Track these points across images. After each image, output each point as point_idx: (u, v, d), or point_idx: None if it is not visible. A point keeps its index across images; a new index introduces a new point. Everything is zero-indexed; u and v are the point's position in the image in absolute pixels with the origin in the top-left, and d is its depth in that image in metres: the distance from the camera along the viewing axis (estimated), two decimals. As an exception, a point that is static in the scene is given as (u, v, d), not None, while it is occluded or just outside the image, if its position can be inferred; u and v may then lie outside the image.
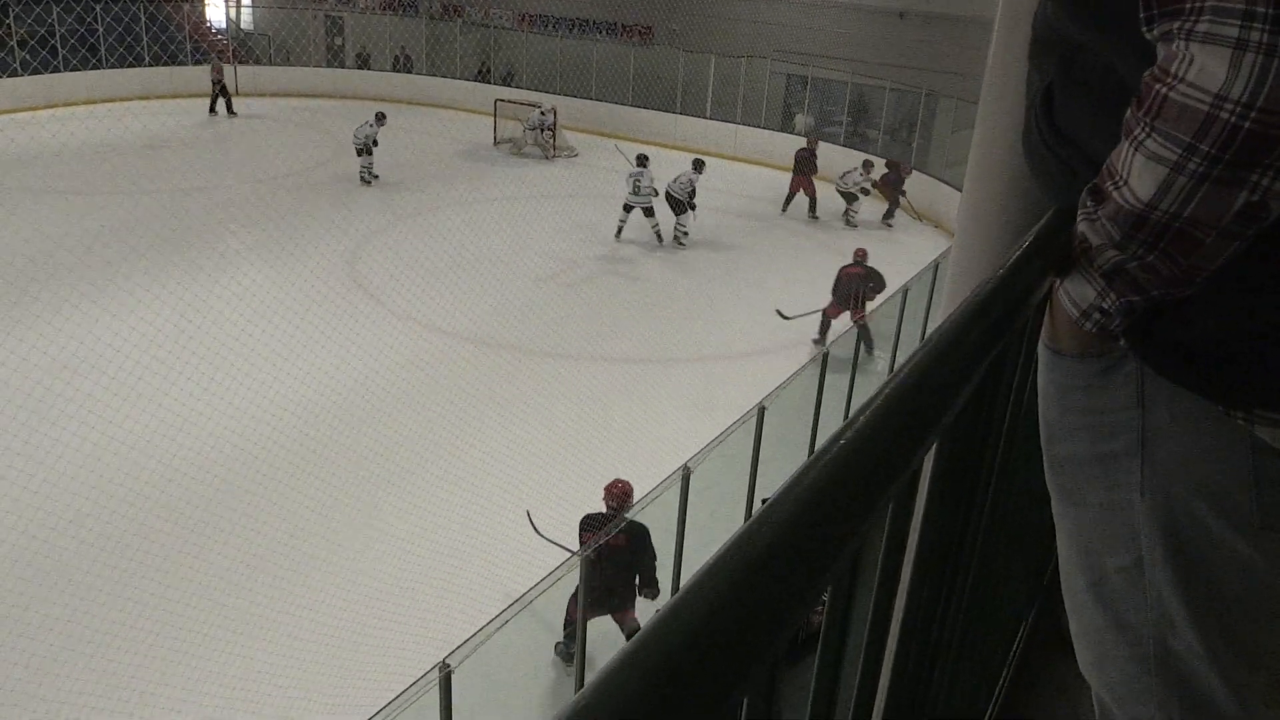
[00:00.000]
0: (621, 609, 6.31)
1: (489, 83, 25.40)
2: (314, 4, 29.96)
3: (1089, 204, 1.06)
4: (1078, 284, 1.11)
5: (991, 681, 1.93)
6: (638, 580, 6.27)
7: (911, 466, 0.83)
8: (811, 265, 15.41)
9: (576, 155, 21.52)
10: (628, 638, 5.75)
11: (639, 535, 6.21)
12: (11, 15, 23.11)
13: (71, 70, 23.28)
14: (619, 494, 6.51)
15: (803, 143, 19.15)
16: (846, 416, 6.80)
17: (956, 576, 1.25)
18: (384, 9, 29.34)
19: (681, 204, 15.49)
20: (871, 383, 10.02)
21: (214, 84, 23.57)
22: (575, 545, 6.58)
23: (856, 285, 12.02)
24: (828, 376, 8.85)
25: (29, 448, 8.84)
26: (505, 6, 28.17)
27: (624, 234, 16.10)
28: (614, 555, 6.11)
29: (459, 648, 4.98)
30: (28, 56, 23.10)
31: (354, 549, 7.89)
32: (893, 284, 11.88)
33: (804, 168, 18.35)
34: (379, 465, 9.04)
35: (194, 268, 13.56)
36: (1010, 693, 1.96)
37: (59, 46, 23.38)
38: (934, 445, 0.96)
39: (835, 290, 12.17)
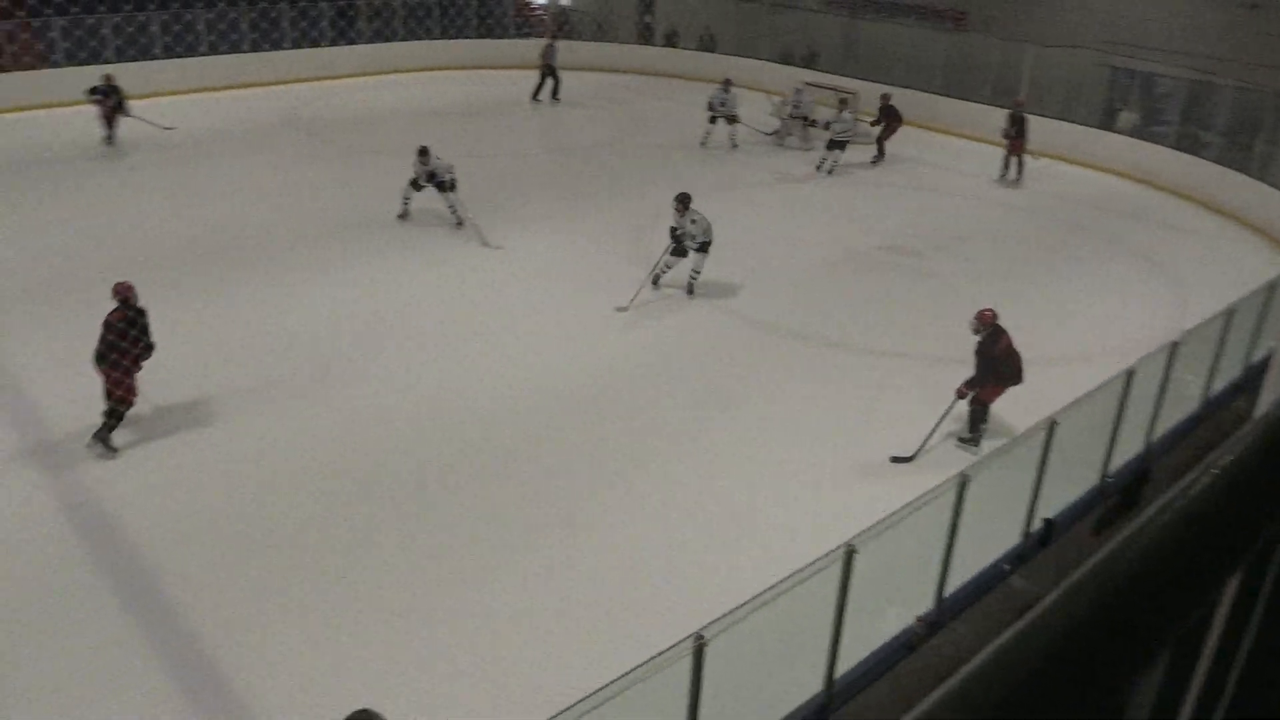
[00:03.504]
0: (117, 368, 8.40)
1: (792, 64, 25.26)
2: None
3: None
4: None
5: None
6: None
7: (1272, 529, 0.73)
8: (1117, 275, 14.28)
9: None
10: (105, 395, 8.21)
11: (134, 316, 8.49)
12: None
13: (406, 40, 25.41)
14: (120, 289, 8.59)
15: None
16: (1147, 444, 6.23)
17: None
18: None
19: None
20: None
21: (542, 69, 23.19)
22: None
23: (1018, 356, 9.25)
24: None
25: (336, 380, 9.80)
26: (815, -12, 27.93)
27: (915, 230, 15.61)
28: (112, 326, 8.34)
29: (714, 622, 5.04)
30: (379, 27, 25.44)
31: (604, 515, 8.17)
32: (1216, 301, 10.78)
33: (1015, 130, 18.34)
34: (643, 433, 9.31)
35: (493, 229, 14.46)
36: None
37: (399, 18, 25.59)
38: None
39: (996, 372, 9.16)
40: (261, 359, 10.33)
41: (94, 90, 17.20)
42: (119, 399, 8.42)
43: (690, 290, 12.67)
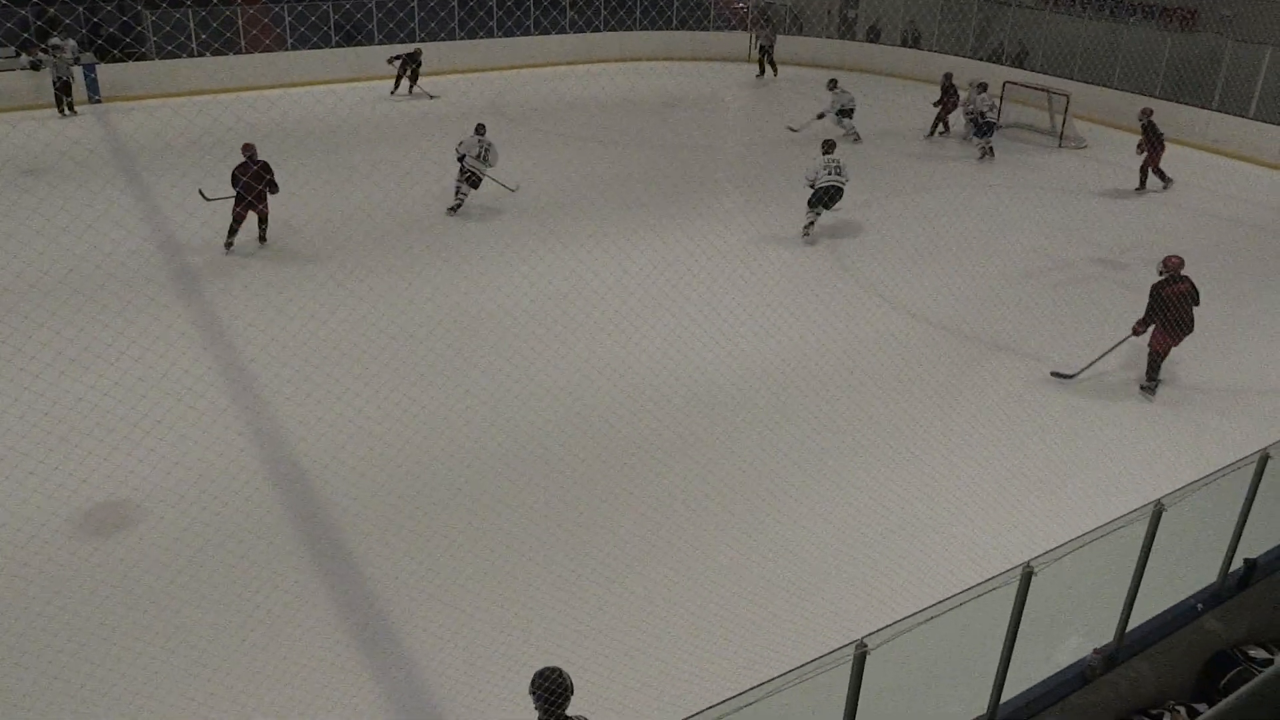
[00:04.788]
0: (258, 206, 12.63)
1: (1000, 63, 24.30)
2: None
3: None
4: None
5: None
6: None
7: None
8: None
9: (1085, 147, 19.99)
10: (260, 220, 13.05)
11: (267, 165, 12.43)
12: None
13: (608, 30, 25.91)
14: (246, 148, 12.51)
15: None
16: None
17: None
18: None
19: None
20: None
21: (762, 50, 25.30)
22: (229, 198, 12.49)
23: (1187, 306, 9.98)
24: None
25: (503, 362, 10.15)
26: (1032, -17, 26.73)
27: (1129, 242, 14.74)
28: (248, 172, 12.24)
29: (878, 630, 4.96)
30: (574, 16, 26.07)
31: (778, 515, 8.14)
32: None
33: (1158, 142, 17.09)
34: (820, 434, 9.23)
35: (684, 219, 14.59)
36: None
37: (601, 8, 26.13)
38: None
39: (1161, 314, 9.95)
40: (448, 334, 10.81)
41: (394, 57, 21.43)
42: (237, 217, 12.55)
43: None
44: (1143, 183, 17.26)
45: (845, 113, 19.24)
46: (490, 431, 9.04)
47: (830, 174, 13.82)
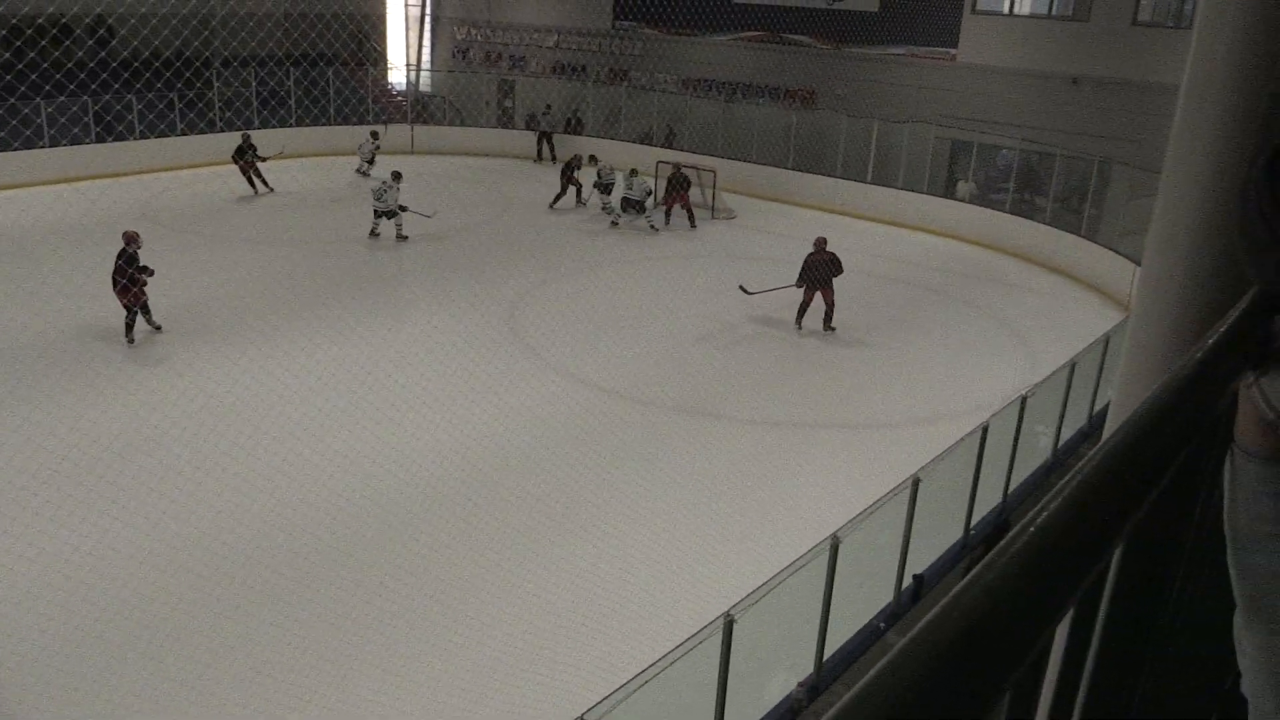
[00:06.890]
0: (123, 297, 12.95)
1: (651, 145, 25.95)
2: (487, 68, 31.50)
3: None
4: (1276, 385, 0.99)
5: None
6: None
7: (1097, 568, 0.79)
8: (970, 335, 15.01)
9: (735, 217, 21.68)
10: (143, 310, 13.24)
11: (122, 253, 12.98)
12: (215, 76, 25.17)
13: (265, 128, 25.07)
14: (126, 236, 13.21)
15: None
16: (1005, 495, 6.47)
17: (1138, 678, 1.18)
18: (553, 73, 30.55)
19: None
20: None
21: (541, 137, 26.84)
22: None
23: (825, 270, 14.03)
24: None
25: (214, 470, 9.42)
26: (670, 72, 28.86)
27: (781, 301, 16.06)
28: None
29: (599, 704, 4.99)
30: (232, 116, 25.06)
31: (487, 598, 8.02)
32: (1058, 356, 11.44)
33: (678, 187, 20.67)
34: (523, 515, 9.22)
35: (361, 316, 14.26)
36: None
37: (247, 104, 25.34)
38: (1120, 547, 0.92)
39: (806, 276, 14.15)
40: (93, 467, 9.82)
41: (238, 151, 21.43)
42: (126, 307, 12.93)
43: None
44: (692, 222, 20.69)
45: None
46: (159, 560, 8.24)
47: (626, 189, 19.53)
